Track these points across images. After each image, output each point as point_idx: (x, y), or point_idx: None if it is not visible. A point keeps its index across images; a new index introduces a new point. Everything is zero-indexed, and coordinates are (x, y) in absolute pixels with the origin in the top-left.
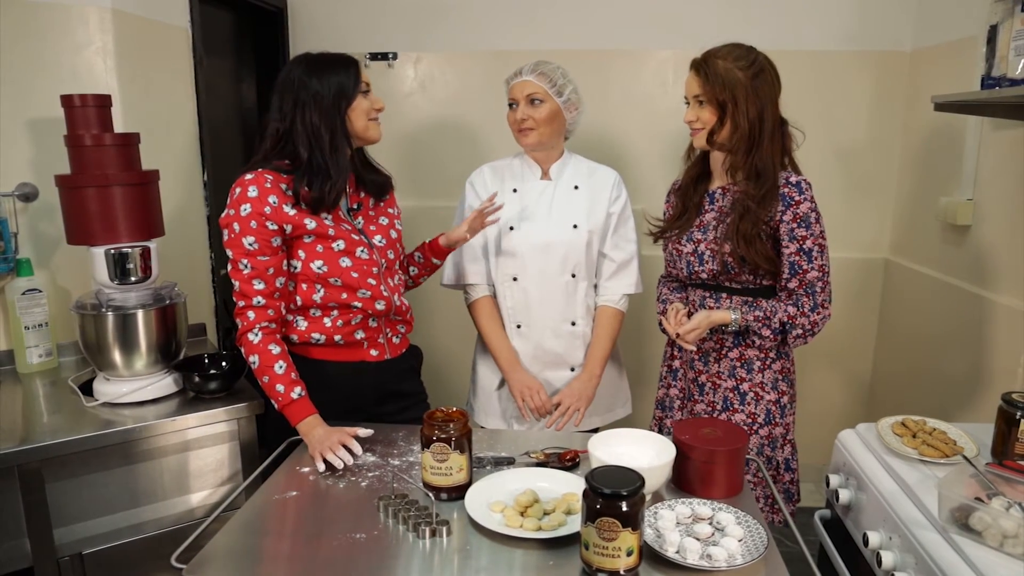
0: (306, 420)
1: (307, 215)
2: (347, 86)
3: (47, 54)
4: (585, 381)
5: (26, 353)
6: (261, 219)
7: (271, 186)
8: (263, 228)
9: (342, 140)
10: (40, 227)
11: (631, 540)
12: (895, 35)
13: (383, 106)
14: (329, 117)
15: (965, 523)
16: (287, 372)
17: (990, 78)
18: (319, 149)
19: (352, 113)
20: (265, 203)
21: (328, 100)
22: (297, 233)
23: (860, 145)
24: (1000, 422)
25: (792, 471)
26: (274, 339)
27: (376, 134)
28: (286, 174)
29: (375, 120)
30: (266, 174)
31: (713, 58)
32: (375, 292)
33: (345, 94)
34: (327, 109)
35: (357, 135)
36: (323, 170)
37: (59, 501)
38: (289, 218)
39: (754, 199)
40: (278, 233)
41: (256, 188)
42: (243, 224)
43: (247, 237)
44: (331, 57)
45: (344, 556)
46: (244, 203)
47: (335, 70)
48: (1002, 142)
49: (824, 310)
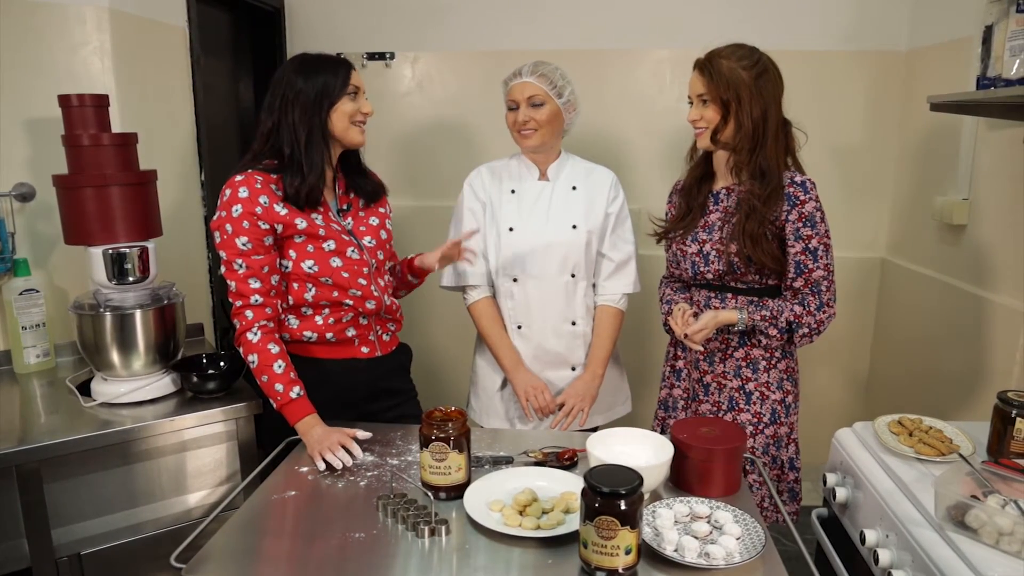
0: (304, 419)
1: (298, 215)
2: (332, 86)
3: (44, 54)
4: (588, 381)
5: (23, 353)
6: (253, 219)
7: (261, 186)
8: (255, 228)
9: (319, 139)
10: (37, 227)
11: (630, 538)
12: (891, 35)
13: (371, 111)
14: (309, 115)
15: (961, 521)
16: (286, 371)
17: (985, 78)
18: (297, 146)
19: (334, 114)
20: (256, 203)
21: (310, 99)
22: (288, 233)
23: (856, 145)
24: (996, 420)
25: (796, 470)
26: (273, 338)
27: (357, 138)
28: (275, 173)
29: (358, 124)
30: (256, 175)
31: (717, 58)
32: (365, 292)
33: (328, 94)
34: (308, 107)
35: (337, 136)
36: (298, 167)
37: (57, 501)
38: (280, 217)
39: (759, 199)
40: (270, 232)
41: (247, 189)
42: (235, 225)
43: (240, 237)
44: (323, 58)
45: (343, 555)
46: (235, 204)
47: (323, 70)
48: (997, 142)
49: (830, 309)
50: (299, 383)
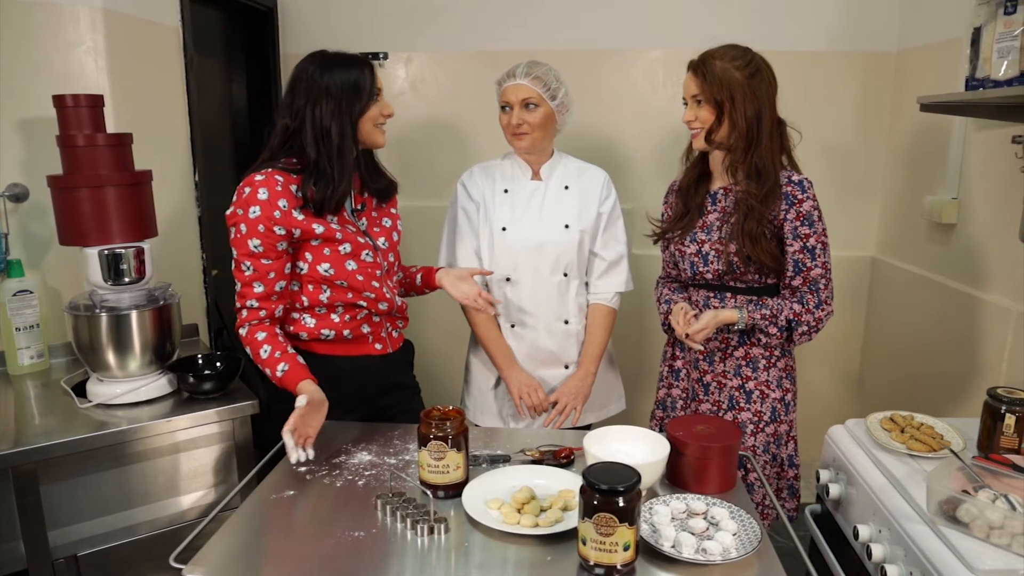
0: (300, 387)
1: (315, 220)
2: (364, 87)
3: (37, 54)
4: (581, 378)
5: (17, 355)
6: (269, 223)
7: (282, 189)
8: (270, 232)
9: (350, 142)
10: (31, 228)
11: (628, 535)
12: (881, 36)
13: (392, 112)
14: (341, 117)
15: (953, 515)
16: (271, 354)
17: (974, 79)
18: (326, 149)
19: (363, 117)
20: (275, 207)
21: (343, 100)
22: (305, 237)
23: (847, 145)
24: (986, 417)
25: (795, 467)
26: (260, 327)
27: (381, 139)
28: (295, 174)
29: (382, 126)
30: (276, 175)
31: (710, 58)
32: (378, 294)
33: (361, 95)
34: (340, 109)
35: (362, 139)
36: (327, 172)
37: (53, 503)
38: (298, 223)
39: (756, 198)
40: (285, 238)
41: (267, 190)
42: (250, 226)
43: (252, 239)
44: (347, 57)
45: (343, 554)
46: (253, 204)
47: (351, 71)
48: (986, 142)
49: (828, 306)
50: (286, 357)
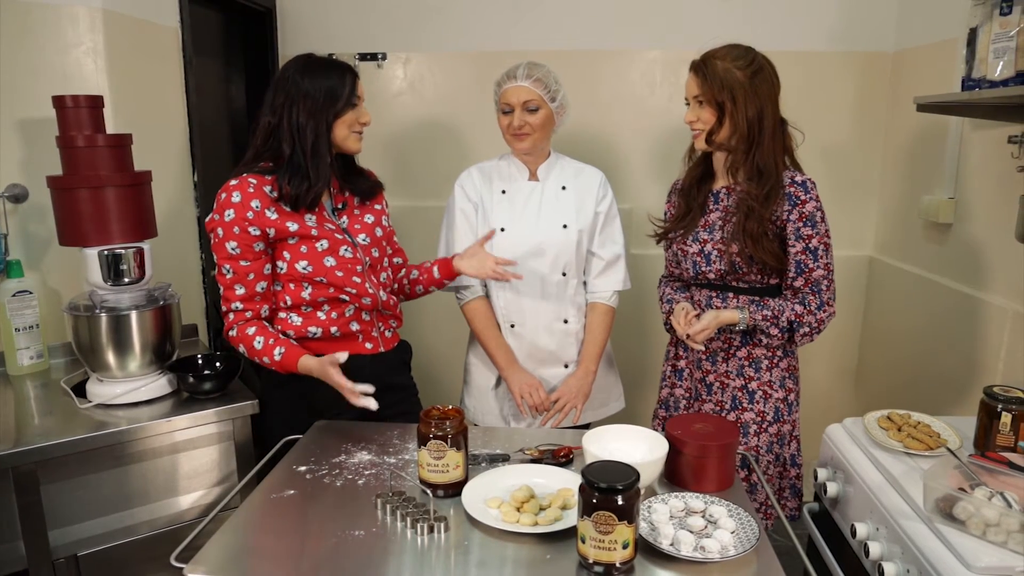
0: (300, 363)
1: (289, 218)
2: (340, 93)
3: (37, 54)
4: (581, 377)
5: (16, 355)
6: (244, 224)
7: (254, 191)
8: (245, 233)
9: (325, 144)
10: (30, 228)
11: (627, 533)
12: (878, 36)
13: (368, 120)
14: (316, 119)
15: (949, 513)
16: (265, 342)
17: (970, 80)
18: (301, 148)
19: (338, 122)
20: (248, 208)
21: (318, 102)
22: (281, 236)
23: (844, 144)
24: (982, 415)
25: (798, 466)
26: (248, 324)
27: (355, 146)
28: (270, 175)
29: (358, 133)
30: (250, 179)
31: (712, 59)
32: (360, 290)
33: (336, 100)
34: (315, 111)
35: (336, 143)
36: (302, 171)
37: (54, 503)
38: (272, 222)
39: (757, 199)
40: (261, 238)
41: (239, 193)
42: (226, 229)
43: (230, 242)
44: (330, 62)
45: (343, 553)
46: (228, 208)
47: (331, 75)
48: (982, 142)
49: (830, 308)
50: (278, 343)
